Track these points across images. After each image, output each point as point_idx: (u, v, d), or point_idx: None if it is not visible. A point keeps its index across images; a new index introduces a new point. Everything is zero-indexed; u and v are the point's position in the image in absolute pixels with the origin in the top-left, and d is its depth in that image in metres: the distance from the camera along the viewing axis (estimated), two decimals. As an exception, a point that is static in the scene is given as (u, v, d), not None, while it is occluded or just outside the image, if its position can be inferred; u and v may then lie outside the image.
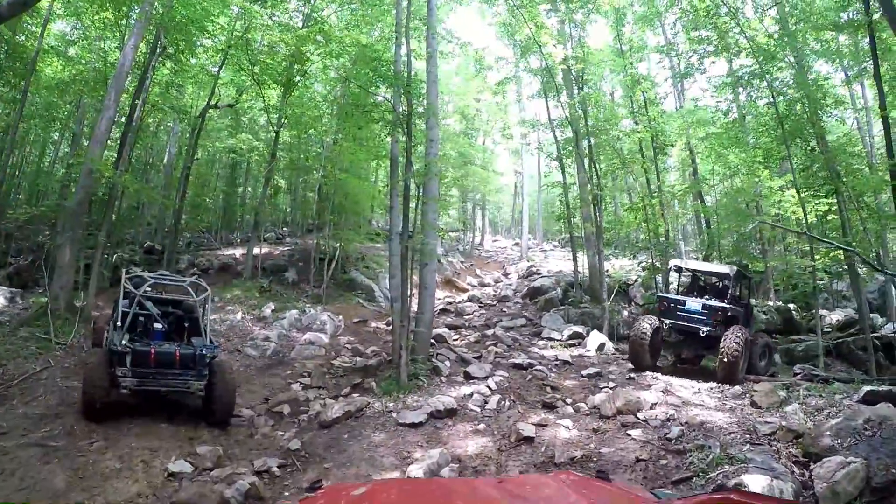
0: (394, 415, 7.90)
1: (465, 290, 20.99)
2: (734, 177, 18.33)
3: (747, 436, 6.02)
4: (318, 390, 9.75)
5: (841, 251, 12.28)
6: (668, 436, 6.28)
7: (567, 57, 14.57)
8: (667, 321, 10.49)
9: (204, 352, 7.50)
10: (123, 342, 7.10)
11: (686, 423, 6.63)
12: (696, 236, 27.61)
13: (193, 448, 6.71)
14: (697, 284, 11.57)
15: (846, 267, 14.18)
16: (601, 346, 12.55)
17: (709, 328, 9.82)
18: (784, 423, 6.07)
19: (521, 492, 2.05)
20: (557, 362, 11.22)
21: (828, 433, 5.56)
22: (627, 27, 17.69)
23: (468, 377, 9.68)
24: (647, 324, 10.45)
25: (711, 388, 8.74)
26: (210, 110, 17.57)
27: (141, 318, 8.27)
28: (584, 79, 14.93)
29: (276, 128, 16.71)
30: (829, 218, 12.96)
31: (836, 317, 15.38)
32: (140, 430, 6.99)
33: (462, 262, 25.44)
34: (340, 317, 14.32)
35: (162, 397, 7.74)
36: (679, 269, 11.67)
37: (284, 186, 24.74)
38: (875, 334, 12.56)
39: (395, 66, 11.26)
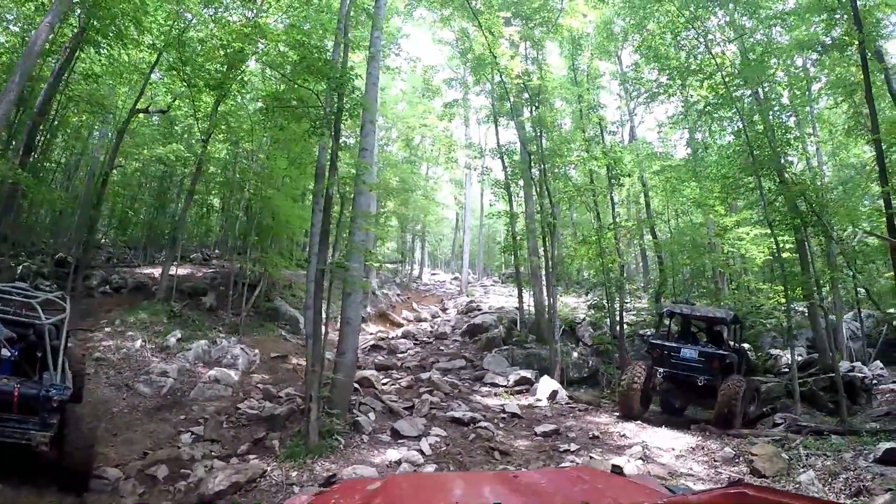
0: (296, 489, 6.04)
1: (399, 325, 19.42)
2: (690, 212, 17.75)
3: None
4: (211, 444, 8.01)
5: (801, 287, 11.64)
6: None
7: (523, 72, 13.41)
8: (660, 370, 9.39)
9: (51, 393, 5.55)
10: None
11: (685, 509, 5.02)
12: (639, 274, 27.13)
13: (30, 524, 4.86)
14: (689, 329, 10.62)
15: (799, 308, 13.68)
16: (553, 395, 10.97)
17: (706, 377, 8.79)
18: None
19: (535, 485, 1.98)
20: (505, 415, 9.45)
21: (879, 524, 4.17)
22: (584, 56, 17.01)
23: (396, 435, 7.75)
24: (638, 372, 9.39)
25: (694, 449, 7.25)
26: (141, 115, 15.71)
27: None
28: (539, 98, 13.79)
29: (203, 136, 14.77)
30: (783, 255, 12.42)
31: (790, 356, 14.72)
32: (-35, 492, 5.24)
33: (398, 295, 23.90)
34: (257, 350, 12.48)
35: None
36: (671, 314, 10.64)
37: (218, 206, 22.37)
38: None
39: (331, 59, 9.54)
